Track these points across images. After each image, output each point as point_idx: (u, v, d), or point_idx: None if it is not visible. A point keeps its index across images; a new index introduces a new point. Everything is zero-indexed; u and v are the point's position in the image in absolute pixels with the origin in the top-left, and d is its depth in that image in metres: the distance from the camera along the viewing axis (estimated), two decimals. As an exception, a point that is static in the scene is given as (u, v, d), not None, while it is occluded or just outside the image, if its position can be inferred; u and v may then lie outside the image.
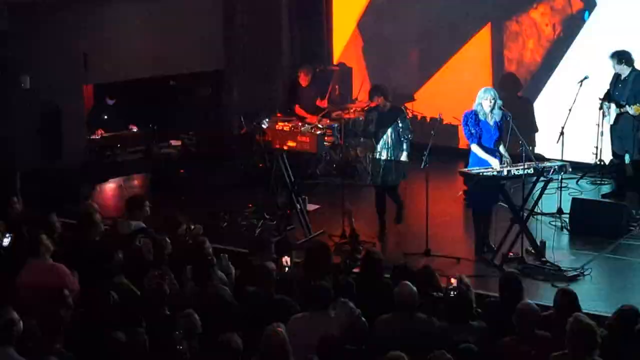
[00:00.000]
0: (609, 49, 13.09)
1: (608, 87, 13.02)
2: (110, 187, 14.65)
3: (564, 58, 14.63)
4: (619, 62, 12.87)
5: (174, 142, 15.67)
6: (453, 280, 8.77)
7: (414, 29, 15.98)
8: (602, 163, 13.74)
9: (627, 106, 12.66)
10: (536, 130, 14.71)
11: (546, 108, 14.71)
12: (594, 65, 13.55)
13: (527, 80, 15.10)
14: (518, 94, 14.91)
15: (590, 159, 13.78)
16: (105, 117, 15.66)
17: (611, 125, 13.01)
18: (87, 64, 14.57)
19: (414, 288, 8.32)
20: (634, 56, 12.92)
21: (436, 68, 15.74)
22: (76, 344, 7.86)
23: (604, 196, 13.17)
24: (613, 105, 12.82)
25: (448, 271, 9.95)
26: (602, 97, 13.05)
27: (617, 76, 12.95)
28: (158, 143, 15.58)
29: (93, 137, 15.27)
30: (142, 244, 9.70)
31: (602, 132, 13.36)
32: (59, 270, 9.13)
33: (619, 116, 12.82)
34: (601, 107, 13.05)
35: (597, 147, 13.56)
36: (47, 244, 9.27)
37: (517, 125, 11.22)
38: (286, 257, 9.56)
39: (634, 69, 12.86)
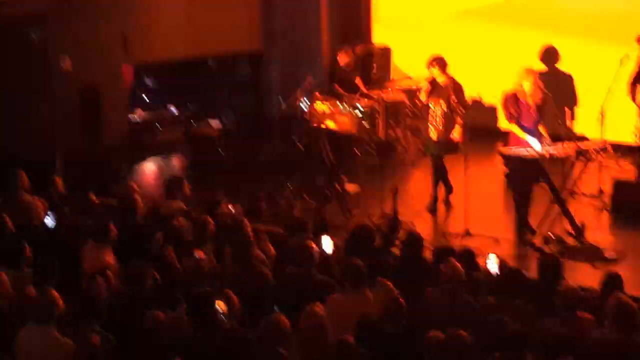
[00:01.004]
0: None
1: None
2: (149, 167, 14.72)
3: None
4: None
5: (213, 123, 15.70)
6: (491, 257, 8.77)
7: (453, 7, 15.88)
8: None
9: None
10: (576, 104, 14.52)
11: (587, 86, 14.56)
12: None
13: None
14: (556, 67, 14.66)
15: (631, 139, 13.65)
16: (145, 97, 15.71)
17: None
18: (127, 44, 14.62)
19: (459, 265, 8.32)
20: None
21: (475, 47, 15.62)
22: (116, 323, 7.92)
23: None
24: None
25: (488, 251, 9.91)
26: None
27: None
28: (197, 123, 15.62)
29: (132, 117, 15.33)
30: (181, 224, 9.73)
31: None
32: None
33: None
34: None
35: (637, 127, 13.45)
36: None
37: (557, 99, 11.10)
38: (326, 236, 9.57)
39: None
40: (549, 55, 14.38)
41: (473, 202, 11.67)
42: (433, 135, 12.30)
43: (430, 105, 12.27)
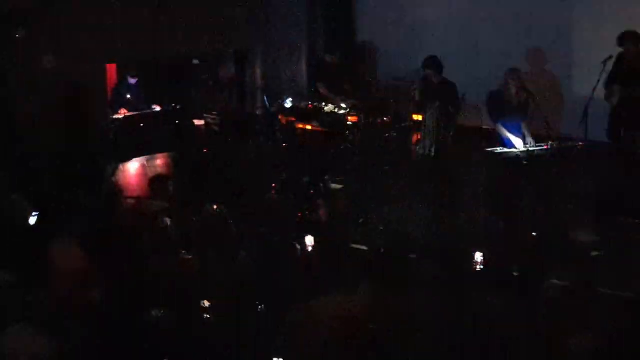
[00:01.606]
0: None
1: None
2: (134, 166, 14.70)
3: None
4: None
5: (197, 122, 15.69)
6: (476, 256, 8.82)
7: (439, 7, 15.91)
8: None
9: None
10: (563, 104, 14.47)
11: (573, 87, 14.61)
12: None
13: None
14: (545, 68, 14.71)
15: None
16: (129, 96, 15.69)
17: None
18: (111, 42, 14.58)
19: (439, 264, 8.38)
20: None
21: (461, 47, 15.65)
22: (103, 324, 7.91)
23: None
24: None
25: (471, 250, 9.93)
26: None
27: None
28: (182, 122, 15.61)
29: (116, 116, 15.31)
30: (166, 224, 9.73)
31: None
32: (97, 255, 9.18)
33: None
34: None
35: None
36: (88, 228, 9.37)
37: (544, 100, 11.15)
38: (309, 236, 9.57)
39: None
40: (538, 56, 14.43)
41: (457, 202, 11.70)
42: (427, 135, 12.33)
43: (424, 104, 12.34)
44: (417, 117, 15.02)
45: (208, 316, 7.72)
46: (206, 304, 7.78)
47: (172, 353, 7.41)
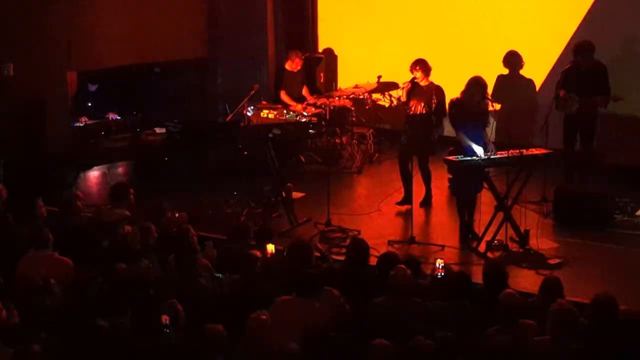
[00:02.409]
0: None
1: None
2: (94, 174, 14.61)
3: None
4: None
5: (158, 130, 15.61)
6: (438, 262, 8.82)
7: (401, 15, 15.95)
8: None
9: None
10: (537, 110, 14.48)
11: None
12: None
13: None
14: (519, 73, 14.70)
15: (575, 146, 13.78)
16: (89, 104, 15.60)
17: None
18: (71, 51, 14.50)
19: (409, 270, 8.37)
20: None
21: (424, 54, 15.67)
22: (61, 332, 7.85)
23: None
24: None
25: (433, 258, 9.96)
26: None
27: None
28: (142, 130, 15.53)
29: (77, 124, 15.22)
30: (126, 231, 9.68)
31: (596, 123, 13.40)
32: (67, 264, 9.12)
33: None
34: None
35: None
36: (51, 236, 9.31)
37: (515, 105, 11.10)
38: (270, 244, 9.55)
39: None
40: (512, 60, 14.49)
41: (418, 209, 11.71)
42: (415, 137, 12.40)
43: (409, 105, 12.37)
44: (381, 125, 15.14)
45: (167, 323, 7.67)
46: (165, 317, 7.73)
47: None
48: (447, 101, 11.90)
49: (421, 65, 12.35)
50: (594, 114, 12.89)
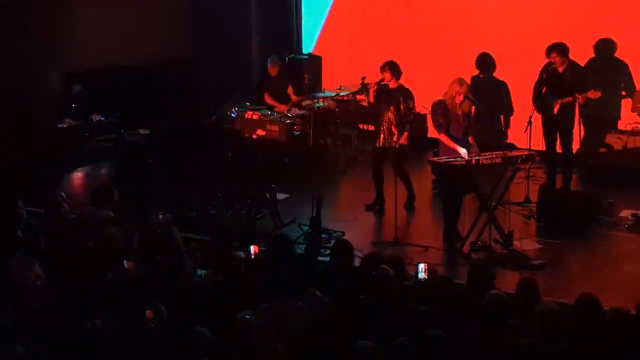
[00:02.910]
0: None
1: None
2: (78, 176, 14.58)
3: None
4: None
5: (143, 131, 15.61)
6: (421, 266, 8.83)
7: (386, 16, 15.97)
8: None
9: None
10: (512, 112, 14.51)
11: (517, 96, 14.70)
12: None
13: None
14: (493, 75, 14.73)
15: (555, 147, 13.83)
16: (74, 105, 15.58)
17: None
18: (56, 53, 14.48)
19: (391, 271, 8.39)
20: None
21: (407, 56, 15.70)
22: (47, 333, 7.85)
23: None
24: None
25: (417, 260, 9.98)
26: None
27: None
28: (127, 132, 15.52)
29: (61, 125, 15.19)
30: (111, 233, 9.67)
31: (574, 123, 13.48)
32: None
33: None
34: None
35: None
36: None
37: (490, 107, 11.10)
38: (254, 246, 9.56)
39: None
40: (485, 62, 14.51)
41: (403, 211, 11.74)
42: (386, 140, 12.39)
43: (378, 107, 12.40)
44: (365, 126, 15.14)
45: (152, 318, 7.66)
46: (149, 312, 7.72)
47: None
48: (429, 103, 11.90)
49: (390, 66, 12.35)
50: (572, 115, 12.98)
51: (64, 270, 8.83)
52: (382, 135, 12.42)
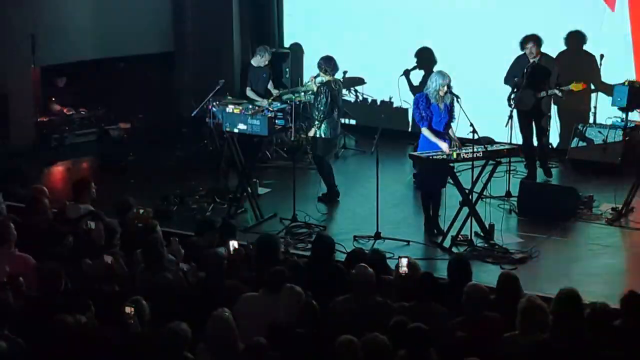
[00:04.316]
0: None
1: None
2: (58, 169, 14.53)
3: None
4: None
5: (123, 125, 15.57)
6: (403, 261, 8.82)
7: (366, 11, 15.96)
8: (550, 146, 13.90)
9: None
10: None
11: (497, 90, 14.71)
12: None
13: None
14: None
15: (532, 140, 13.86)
16: (54, 99, 15.52)
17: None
18: (35, 46, 14.41)
19: (371, 269, 8.38)
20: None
21: (388, 51, 15.69)
22: (25, 328, 7.82)
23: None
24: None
25: (398, 254, 9.98)
26: None
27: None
28: (107, 125, 15.47)
29: (41, 119, 15.14)
30: (91, 227, 9.63)
31: (549, 116, 13.54)
32: (26, 261, 9.07)
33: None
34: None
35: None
36: (14, 232, 9.22)
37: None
38: (233, 240, 9.52)
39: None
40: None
41: (384, 205, 11.73)
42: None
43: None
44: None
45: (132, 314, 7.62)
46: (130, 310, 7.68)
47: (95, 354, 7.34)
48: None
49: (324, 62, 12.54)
50: (548, 107, 13.09)
51: (43, 266, 8.76)
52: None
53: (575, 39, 14.19)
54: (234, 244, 9.36)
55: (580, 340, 7.44)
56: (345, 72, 15.10)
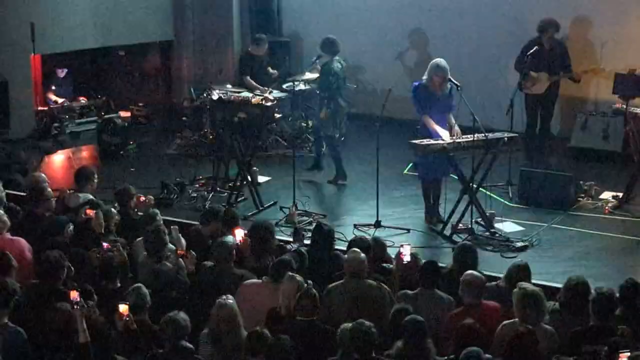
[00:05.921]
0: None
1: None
2: (59, 158, 14.51)
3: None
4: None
5: (123, 113, 15.54)
6: (403, 249, 8.82)
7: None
8: (551, 134, 13.89)
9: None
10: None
11: (499, 79, 14.69)
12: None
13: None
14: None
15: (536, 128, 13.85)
16: (53, 87, 15.50)
17: None
18: (35, 34, 14.38)
19: (363, 254, 8.39)
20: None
21: (390, 40, 15.67)
22: (25, 317, 7.83)
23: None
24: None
25: (399, 242, 9.97)
26: None
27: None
28: (108, 114, 15.45)
29: (42, 107, 15.13)
30: (91, 216, 9.63)
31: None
32: (19, 244, 9.08)
33: None
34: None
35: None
36: (5, 219, 9.23)
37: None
38: (239, 228, 9.52)
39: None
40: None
41: (384, 193, 11.73)
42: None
43: None
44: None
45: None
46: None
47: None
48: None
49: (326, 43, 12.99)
50: (557, 93, 13.08)
51: (45, 253, 8.76)
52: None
53: (579, 25, 14.14)
54: (240, 232, 9.35)
55: (586, 326, 7.50)
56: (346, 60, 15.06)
